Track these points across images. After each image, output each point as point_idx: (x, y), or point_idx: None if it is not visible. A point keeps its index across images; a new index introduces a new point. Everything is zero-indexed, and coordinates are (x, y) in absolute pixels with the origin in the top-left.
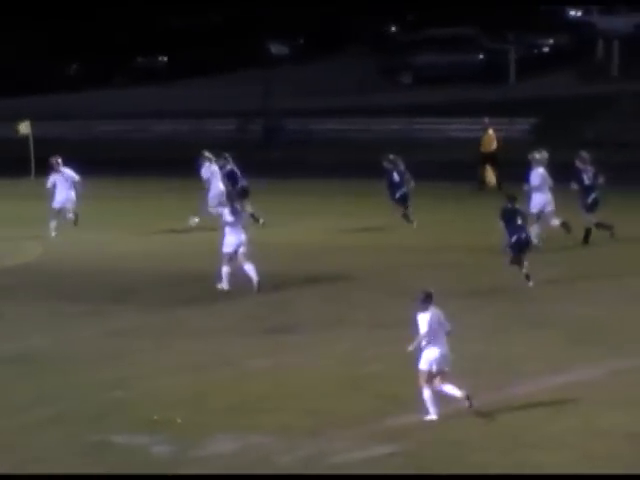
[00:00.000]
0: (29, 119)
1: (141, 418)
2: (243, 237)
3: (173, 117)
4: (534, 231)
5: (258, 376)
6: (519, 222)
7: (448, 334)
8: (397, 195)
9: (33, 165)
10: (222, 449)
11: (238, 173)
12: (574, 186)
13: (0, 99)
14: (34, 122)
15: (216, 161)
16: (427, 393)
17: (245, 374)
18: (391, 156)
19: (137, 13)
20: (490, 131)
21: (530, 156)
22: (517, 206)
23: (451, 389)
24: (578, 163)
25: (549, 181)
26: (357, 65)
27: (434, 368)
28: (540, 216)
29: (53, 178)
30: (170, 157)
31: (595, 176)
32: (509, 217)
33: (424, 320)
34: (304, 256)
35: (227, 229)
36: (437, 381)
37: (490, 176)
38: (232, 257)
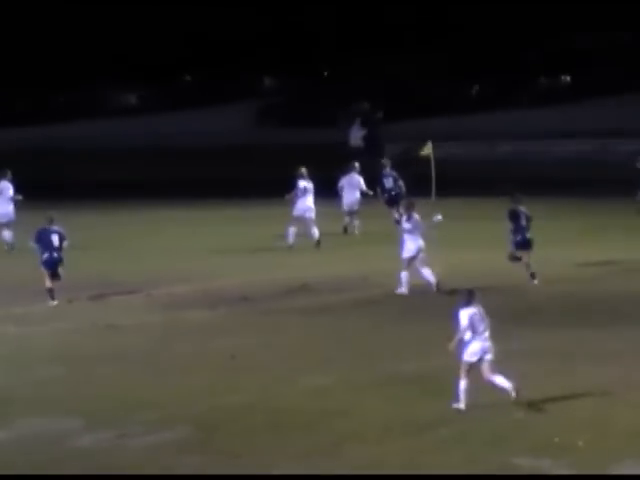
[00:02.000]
0: (431, 140)
1: (542, 441)
2: (421, 243)
3: (577, 137)
4: None
5: None
6: (523, 223)
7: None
8: None
9: (434, 185)
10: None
11: None
12: None
13: (403, 121)
14: (436, 143)
15: None
16: (464, 384)
17: None
18: None
19: (540, 32)
20: None
21: None
22: (522, 208)
23: (501, 380)
24: None
25: None
26: None
27: (475, 359)
28: None
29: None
30: (568, 177)
31: None
32: (515, 218)
33: (465, 315)
34: None
35: (406, 236)
36: (485, 372)
37: None
38: (410, 263)
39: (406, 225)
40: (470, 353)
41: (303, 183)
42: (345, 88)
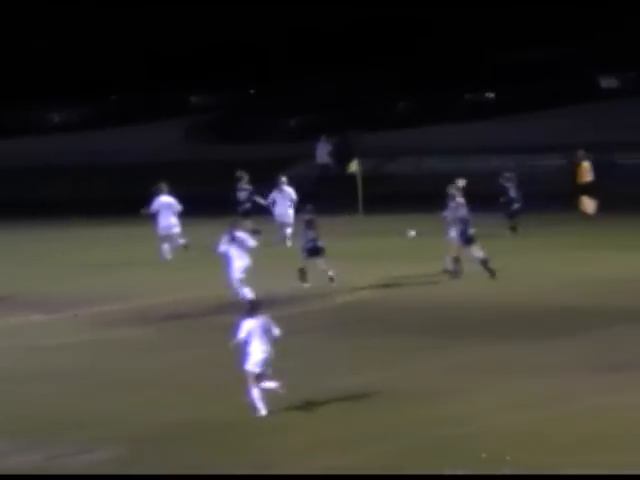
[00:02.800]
0: (359, 157)
1: (476, 456)
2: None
3: (499, 153)
4: None
5: (599, 414)
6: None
7: (275, 341)
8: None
9: (361, 202)
10: None
11: None
12: None
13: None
14: (362, 159)
15: None
16: (256, 392)
17: (585, 411)
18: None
19: (464, 48)
20: (585, 163)
21: None
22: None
23: (267, 384)
24: None
25: None
26: None
27: (258, 370)
28: None
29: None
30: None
31: None
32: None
33: (246, 326)
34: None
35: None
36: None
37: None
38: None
39: (228, 245)
40: (253, 364)
41: (164, 199)
42: (275, 104)
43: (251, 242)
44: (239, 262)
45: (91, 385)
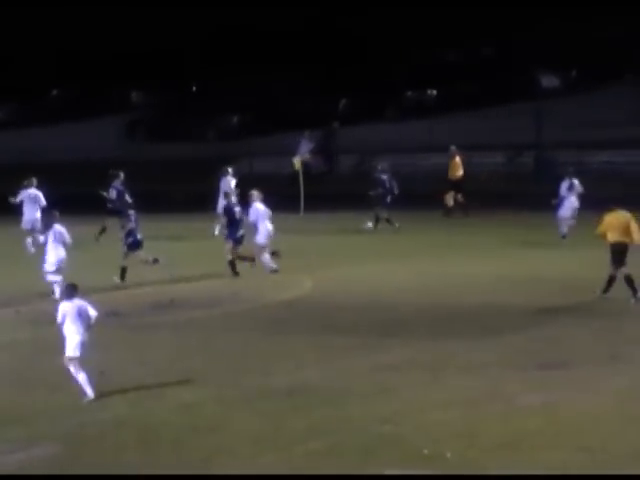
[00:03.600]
0: (302, 155)
1: (411, 453)
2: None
3: (439, 150)
4: None
5: (531, 412)
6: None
7: (90, 327)
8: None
9: (302, 201)
10: None
11: None
12: None
13: (273, 135)
14: (304, 158)
15: None
16: (82, 377)
17: (517, 409)
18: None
19: (407, 46)
20: (457, 159)
21: None
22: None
23: (83, 379)
24: None
25: None
26: (633, 95)
27: (79, 354)
28: None
29: None
30: (435, 190)
31: None
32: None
33: (61, 309)
34: (573, 289)
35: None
36: (76, 366)
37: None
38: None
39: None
40: (72, 348)
41: (31, 191)
42: (215, 102)
43: (68, 239)
44: (53, 254)
45: (27, 383)
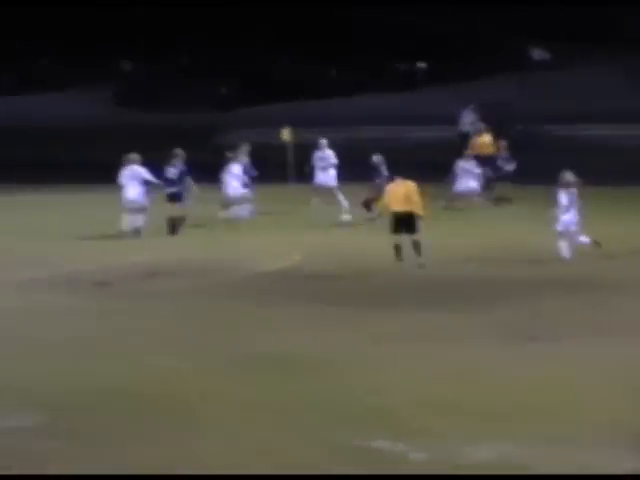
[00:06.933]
0: (290, 125)
1: (400, 425)
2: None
3: (426, 123)
4: None
5: (518, 384)
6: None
7: None
8: None
9: (292, 171)
10: (478, 457)
11: None
12: None
13: (262, 105)
14: (295, 129)
15: None
16: None
17: (504, 382)
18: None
19: (396, 18)
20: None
21: None
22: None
23: None
24: None
25: None
26: (623, 66)
27: None
28: None
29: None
30: (425, 161)
31: None
32: None
33: None
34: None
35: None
36: None
37: None
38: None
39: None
40: None
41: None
42: (204, 72)
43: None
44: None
45: (13, 351)
